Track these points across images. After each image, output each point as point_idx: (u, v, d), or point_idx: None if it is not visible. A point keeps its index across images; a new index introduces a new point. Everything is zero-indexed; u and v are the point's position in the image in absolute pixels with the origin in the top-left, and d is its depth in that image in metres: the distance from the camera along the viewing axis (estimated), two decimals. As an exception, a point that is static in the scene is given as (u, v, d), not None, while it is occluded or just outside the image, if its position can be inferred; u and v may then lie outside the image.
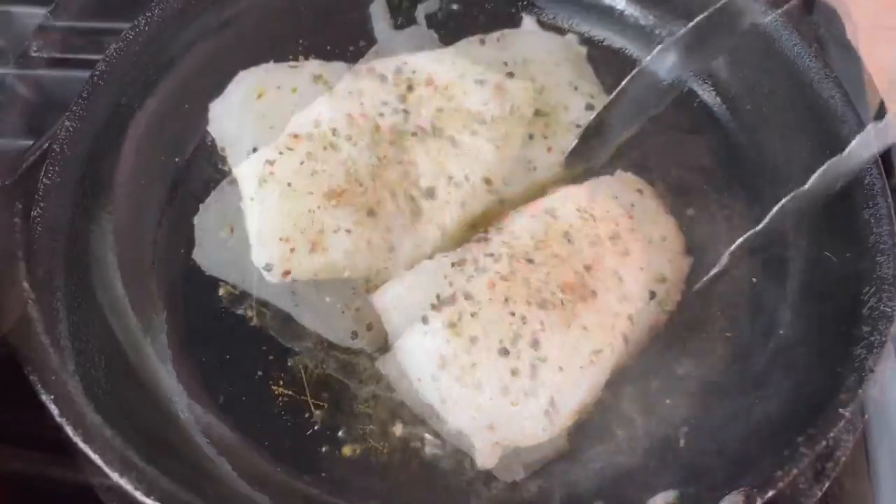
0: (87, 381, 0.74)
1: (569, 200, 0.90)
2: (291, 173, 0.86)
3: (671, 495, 0.73)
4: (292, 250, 0.84)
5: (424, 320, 0.80)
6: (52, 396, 0.70)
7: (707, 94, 1.06)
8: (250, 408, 0.84)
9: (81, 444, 0.68)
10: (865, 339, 0.77)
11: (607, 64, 1.06)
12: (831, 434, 0.71)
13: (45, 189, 0.86)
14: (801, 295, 0.88)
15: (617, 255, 0.86)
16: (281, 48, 1.05)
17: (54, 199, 0.86)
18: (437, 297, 0.81)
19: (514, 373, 0.78)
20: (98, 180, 0.92)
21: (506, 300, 0.81)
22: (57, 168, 0.88)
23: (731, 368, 0.85)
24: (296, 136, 0.88)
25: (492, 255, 0.85)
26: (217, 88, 0.99)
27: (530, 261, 0.84)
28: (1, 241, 0.81)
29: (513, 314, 0.80)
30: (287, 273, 0.84)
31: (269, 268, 0.85)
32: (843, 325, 0.80)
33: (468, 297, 0.81)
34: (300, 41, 1.07)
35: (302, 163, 0.87)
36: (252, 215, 0.87)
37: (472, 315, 0.80)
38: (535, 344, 0.79)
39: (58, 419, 0.69)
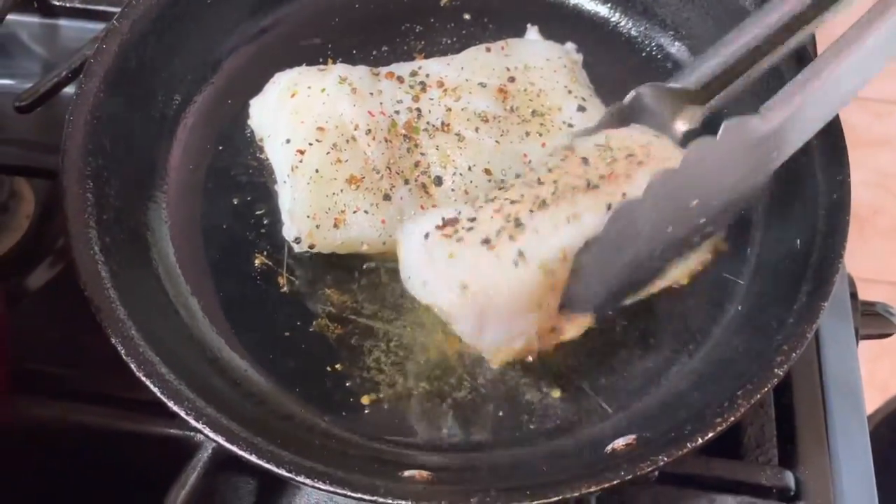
0: (145, 331, 0.88)
1: (587, 140, 0.99)
2: (318, 161, 1.01)
3: (631, 438, 0.87)
4: (318, 226, 0.99)
5: (426, 236, 0.91)
6: (119, 339, 0.85)
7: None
8: (279, 361, 0.98)
9: (142, 378, 0.83)
10: (805, 301, 0.90)
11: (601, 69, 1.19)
12: (766, 389, 0.84)
13: (111, 168, 1.02)
14: (757, 261, 1.01)
15: (632, 164, 0.93)
16: (313, 52, 1.20)
17: (119, 177, 1.02)
18: (443, 219, 0.92)
19: (488, 241, 0.88)
20: (154, 164, 1.08)
21: (508, 215, 0.90)
22: (120, 151, 1.04)
23: (688, 332, 0.99)
24: (322, 129, 1.02)
25: (503, 187, 0.96)
26: (256, 88, 1.13)
27: (541, 183, 0.93)
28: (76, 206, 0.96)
29: (509, 219, 0.89)
30: (312, 245, 1.00)
31: (297, 241, 1.00)
32: (792, 289, 0.93)
33: (471, 218, 0.91)
34: (329, 46, 1.22)
35: (328, 153, 1.01)
36: (284, 196, 1.02)
37: (470, 224, 0.89)
38: (518, 223, 0.88)
39: (124, 357, 0.85)
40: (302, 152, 1.01)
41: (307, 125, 1.03)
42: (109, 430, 0.98)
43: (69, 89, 1.14)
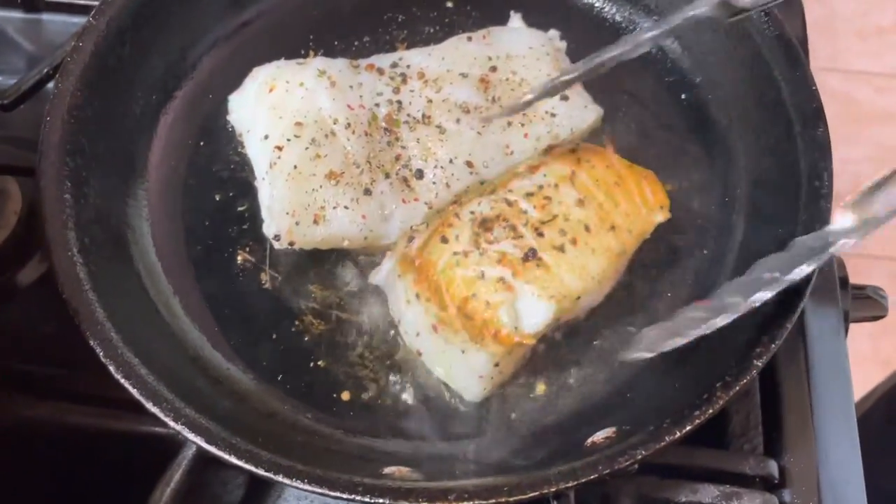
0: (125, 332, 0.88)
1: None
2: (297, 157, 1.00)
3: (611, 431, 0.87)
4: (297, 223, 0.98)
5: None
6: (97, 341, 0.86)
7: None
8: (262, 358, 0.99)
9: (121, 379, 0.83)
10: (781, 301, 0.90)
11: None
12: (745, 382, 0.83)
13: (90, 167, 1.01)
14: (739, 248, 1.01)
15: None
16: (294, 45, 1.19)
17: (98, 176, 1.02)
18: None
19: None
20: (135, 162, 1.08)
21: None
22: (99, 149, 1.03)
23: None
24: (300, 125, 1.01)
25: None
26: (237, 81, 1.11)
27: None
28: (54, 208, 0.96)
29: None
30: (292, 243, 0.99)
31: (277, 238, 0.99)
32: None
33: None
34: (311, 38, 1.21)
35: (306, 148, 1.00)
36: (263, 193, 1.02)
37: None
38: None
39: (102, 359, 0.85)
40: (280, 148, 1.00)
41: (285, 121, 1.02)
42: (96, 428, 0.98)
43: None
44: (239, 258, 1.05)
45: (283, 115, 1.02)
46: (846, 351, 1.09)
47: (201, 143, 1.13)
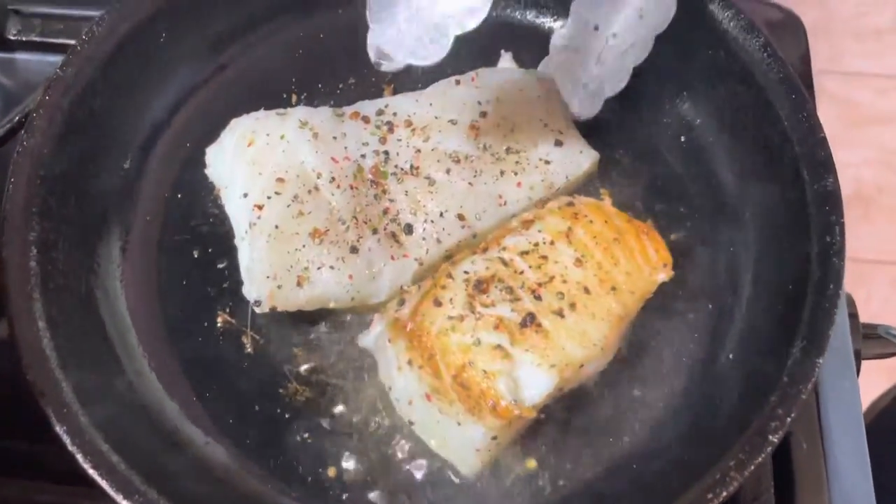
0: (95, 414, 0.82)
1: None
2: (278, 216, 0.94)
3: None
4: (279, 287, 0.92)
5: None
6: (64, 427, 0.80)
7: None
8: (243, 430, 0.93)
9: (90, 470, 0.77)
10: (799, 357, 0.85)
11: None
12: (760, 459, 0.78)
13: (58, 230, 0.95)
14: (750, 322, 0.96)
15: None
16: (275, 88, 1.13)
17: (67, 238, 0.96)
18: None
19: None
20: (107, 219, 1.01)
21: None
22: (69, 210, 0.97)
23: (678, 397, 0.93)
24: (282, 181, 0.96)
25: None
26: (216, 128, 1.05)
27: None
28: (18, 277, 0.90)
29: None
30: (274, 308, 0.93)
31: (257, 303, 0.93)
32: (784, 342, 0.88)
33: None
34: (293, 80, 1.15)
35: (288, 206, 0.95)
36: (243, 253, 0.96)
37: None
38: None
39: (69, 447, 0.79)
40: (260, 207, 0.94)
41: (265, 177, 0.96)
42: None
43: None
44: (219, 320, 1.00)
45: (263, 170, 0.96)
46: (859, 397, 1.04)
47: (178, 196, 1.07)
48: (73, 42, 1.03)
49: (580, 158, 1.06)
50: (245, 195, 0.96)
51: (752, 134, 1.02)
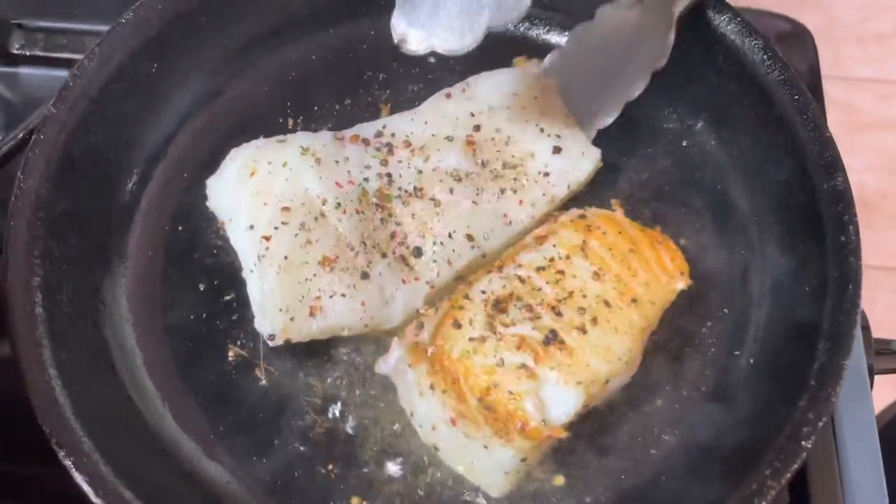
0: (116, 462, 0.80)
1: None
2: (286, 246, 0.92)
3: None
4: (292, 319, 0.90)
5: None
6: (87, 477, 0.77)
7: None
8: (264, 466, 0.91)
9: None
10: (825, 361, 0.84)
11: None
12: (796, 467, 0.77)
13: (61, 270, 0.93)
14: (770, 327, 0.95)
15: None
16: (271, 112, 1.11)
17: (71, 279, 0.93)
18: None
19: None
20: (109, 257, 0.99)
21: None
22: (70, 250, 0.95)
23: (703, 405, 0.92)
24: (287, 210, 0.93)
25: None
26: (214, 156, 1.02)
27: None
28: (25, 325, 0.87)
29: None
30: (288, 340, 0.91)
31: (271, 337, 0.91)
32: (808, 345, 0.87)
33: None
34: (288, 104, 1.13)
35: (296, 235, 0.92)
36: (252, 287, 0.93)
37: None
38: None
39: (93, 500, 0.76)
40: (268, 238, 0.92)
41: (271, 207, 0.94)
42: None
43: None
44: (230, 354, 0.97)
45: (268, 200, 0.94)
46: (873, 411, 1.03)
47: (179, 228, 1.04)
48: (76, 56, 1.01)
49: (581, 162, 1.03)
50: (251, 227, 0.93)
51: (757, 137, 1.02)
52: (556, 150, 1.03)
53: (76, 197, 0.96)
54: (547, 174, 1.02)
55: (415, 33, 0.84)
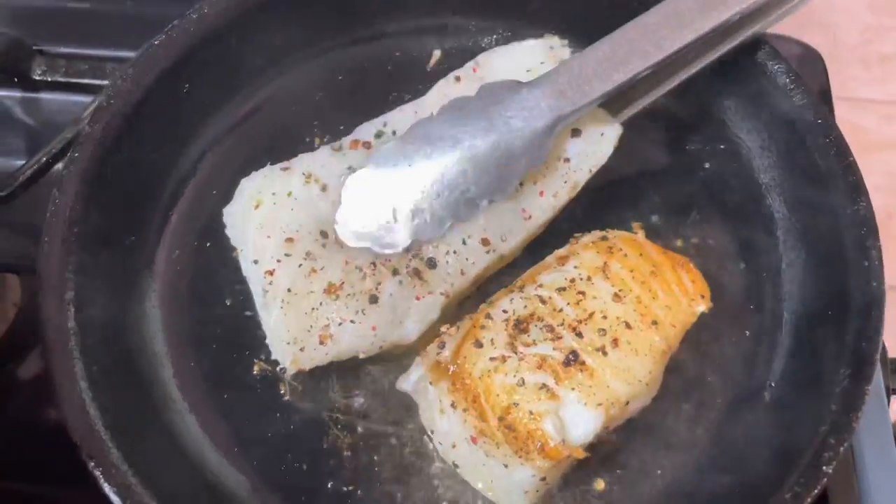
0: (144, 474, 0.82)
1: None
2: (289, 279, 0.91)
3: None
4: (302, 349, 0.91)
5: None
6: (115, 489, 0.79)
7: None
8: (287, 482, 0.92)
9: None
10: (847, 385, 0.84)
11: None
12: (816, 491, 0.77)
13: (93, 285, 0.95)
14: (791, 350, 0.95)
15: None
16: (298, 132, 1.13)
17: (102, 294, 0.95)
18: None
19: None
20: (140, 272, 1.01)
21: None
22: (102, 266, 0.97)
23: (723, 428, 0.93)
24: (291, 241, 0.93)
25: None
26: (241, 174, 1.03)
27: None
28: (58, 339, 0.90)
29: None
30: (302, 370, 0.92)
31: (283, 370, 0.93)
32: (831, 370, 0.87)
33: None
34: (315, 123, 1.15)
35: (300, 265, 0.92)
36: (264, 320, 0.94)
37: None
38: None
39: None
40: (271, 273, 0.92)
41: (274, 240, 0.93)
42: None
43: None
44: (255, 368, 0.99)
45: (272, 233, 0.94)
46: (891, 434, 1.03)
47: (207, 244, 1.06)
48: (98, 82, 1.02)
49: (602, 143, 0.99)
50: (255, 262, 0.94)
51: (780, 160, 1.02)
52: (576, 132, 0.99)
53: (109, 213, 0.98)
54: (567, 160, 0.98)
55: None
